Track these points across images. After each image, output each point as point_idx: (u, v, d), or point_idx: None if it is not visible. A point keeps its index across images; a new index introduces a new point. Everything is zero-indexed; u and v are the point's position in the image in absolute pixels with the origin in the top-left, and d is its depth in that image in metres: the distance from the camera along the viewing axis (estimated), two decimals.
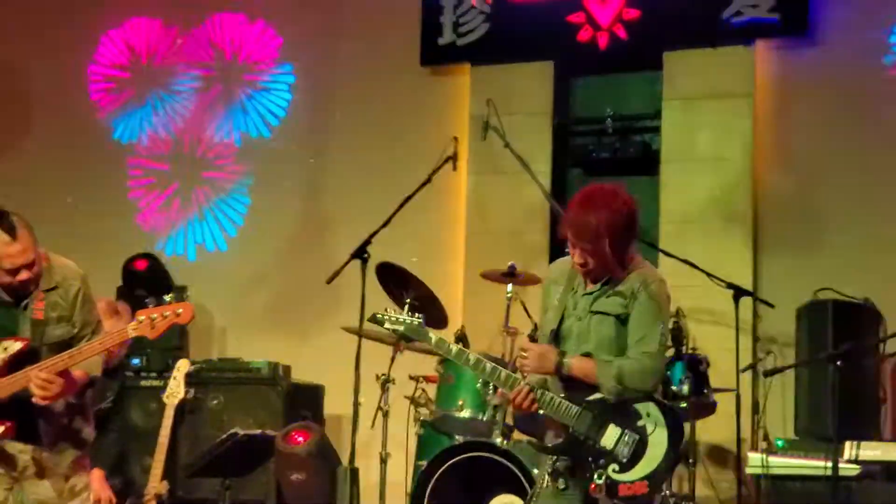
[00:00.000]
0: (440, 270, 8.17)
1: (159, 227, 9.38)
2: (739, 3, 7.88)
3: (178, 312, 4.94)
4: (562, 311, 4.84)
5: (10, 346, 5.02)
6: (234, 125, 9.27)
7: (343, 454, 6.97)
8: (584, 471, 4.67)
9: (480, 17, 8.51)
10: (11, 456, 5.07)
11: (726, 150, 7.97)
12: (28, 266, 5.03)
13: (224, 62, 9.35)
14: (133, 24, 9.61)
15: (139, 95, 9.55)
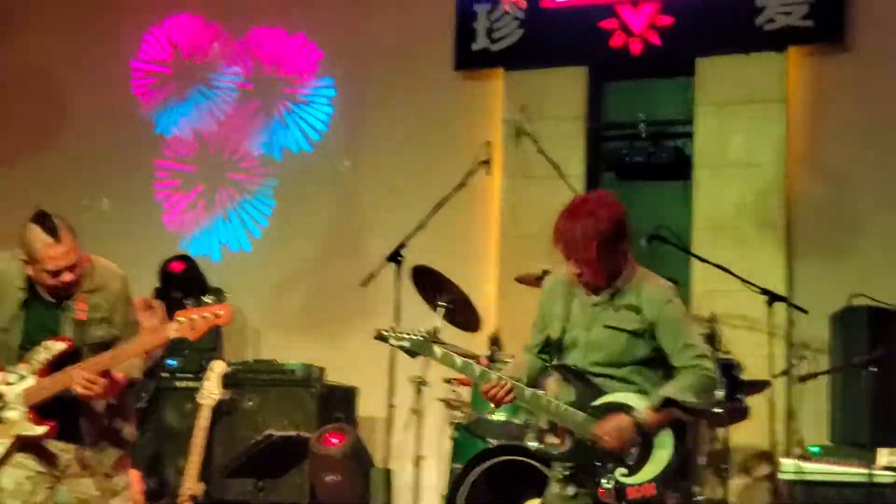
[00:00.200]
0: (474, 274, 8.21)
1: (187, 228, 9.47)
2: (773, 9, 7.91)
3: (218, 314, 4.97)
4: (564, 323, 4.86)
5: (52, 347, 5.08)
6: (275, 141, 9.33)
7: (377, 456, 7.00)
8: (591, 476, 4.69)
9: (514, 22, 8.55)
10: (53, 455, 5.13)
11: (759, 155, 7.99)
12: (70, 268, 5.07)
13: (263, 74, 9.42)
14: (175, 20, 9.70)
15: (180, 91, 9.62)
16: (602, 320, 4.76)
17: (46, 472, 5.15)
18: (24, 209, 5.18)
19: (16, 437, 5.05)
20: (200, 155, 9.53)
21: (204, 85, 9.54)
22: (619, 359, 4.74)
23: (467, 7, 8.69)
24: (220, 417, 7.72)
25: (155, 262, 8.77)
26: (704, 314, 6.98)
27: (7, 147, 9.89)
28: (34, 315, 5.15)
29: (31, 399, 5.04)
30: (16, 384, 5.08)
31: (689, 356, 4.69)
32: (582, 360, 4.78)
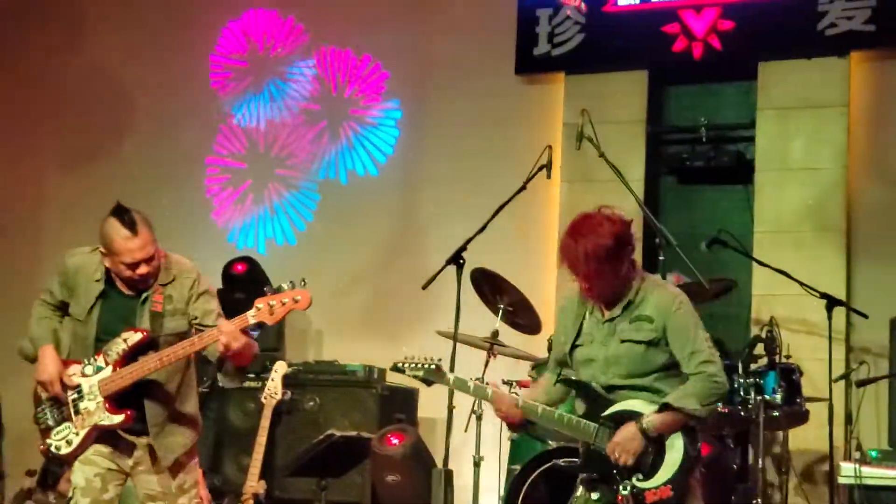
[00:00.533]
0: (533, 277, 8.23)
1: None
2: (834, 14, 7.90)
3: (297, 299, 5.06)
4: (573, 337, 4.95)
5: (129, 338, 5.19)
6: (342, 162, 9.44)
7: (437, 457, 7.03)
8: (610, 483, 4.77)
9: (575, 27, 8.58)
10: (125, 450, 5.24)
11: (820, 159, 7.98)
12: (147, 261, 5.18)
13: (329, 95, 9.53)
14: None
15: (255, 84, 9.74)
16: (618, 335, 4.85)
17: (118, 469, 5.25)
18: (100, 206, 5.30)
19: (93, 426, 5.16)
20: (262, 152, 9.64)
21: (279, 78, 9.65)
22: (639, 370, 4.83)
23: (529, 12, 8.73)
24: (282, 417, 7.81)
25: (224, 259, 8.89)
26: (764, 318, 6.98)
27: (83, 146, 10.05)
28: (111, 307, 5.27)
29: (108, 389, 5.15)
30: (92, 376, 5.20)
31: (696, 363, 4.77)
32: (603, 376, 4.87)
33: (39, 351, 5.33)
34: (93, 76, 10.08)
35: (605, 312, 4.91)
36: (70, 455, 5.22)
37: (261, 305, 5.04)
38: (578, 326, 4.96)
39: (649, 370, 4.82)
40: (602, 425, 4.81)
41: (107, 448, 5.23)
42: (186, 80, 9.87)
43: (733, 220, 8.10)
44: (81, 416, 5.18)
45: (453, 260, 6.70)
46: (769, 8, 8.09)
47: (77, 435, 5.19)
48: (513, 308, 7.06)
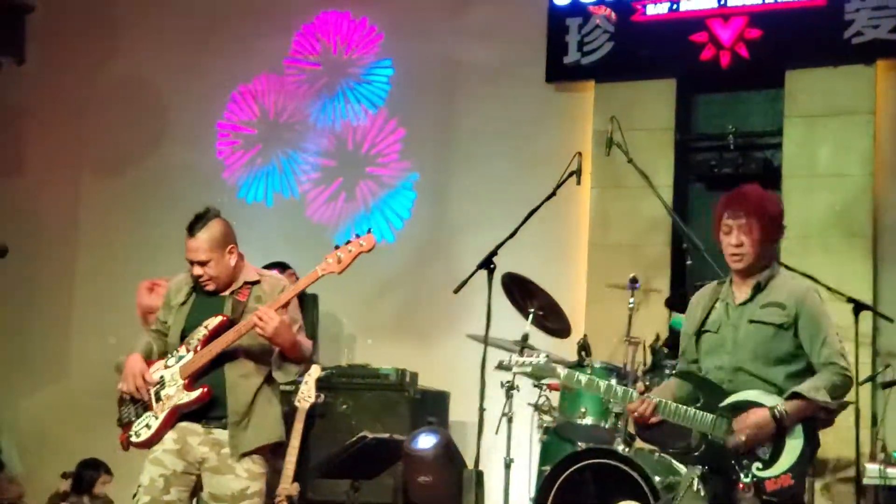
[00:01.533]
0: (563, 281, 8.32)
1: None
2: (860, 23, 7.96)
3: (362, 244, 5.25)
4: (698, 326, 5.01)
5: (210, 323, 5.36)
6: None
7: (468, 460, 7.10)
8: (727, 474, 4.79)
9: (605, 36, 8.66)
10: (195, 446, 5.35)
11: (847, 166, 8.04)
12: (200, 263, 5.37)
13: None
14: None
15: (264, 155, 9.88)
16: (748, 317, 4.91)
17: (184, 470, 5.34)
18: (134, 212, 5.48)
19: (173, 408, 5.30)
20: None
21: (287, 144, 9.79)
22: (765, 354, 4.86)
23: (559, 21, 8.81)
24: (315, 420, 7.86)
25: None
26: None
27: (119, 153, 10.19)
28: (199, 304, 5.46)
29: (187, 371, 5.32)
30: (174, 365, 5.37)
31: (826, 354, 4.81)
32: (731, 360, 4.91)
33: (126, 357, 5.50)
34: (129, 84, 10.22)
35: (738, 297, 4.97)
36: (150, 439, 5.34)
37: (330, 259, 5.22)
38: (705, 315, 5.02)
39: (773, 357, 4.85)
40: (720, 415, 4.83)
41: (176, 444, 5.33)
42: (222, 88, 9.99)
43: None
44: (163, 402, 5.33)
45: (484, 265, 6.77)
46: (796, 16, 8.15)
47: (157, 419, 5.32)
48: (543, 312, 7.15)
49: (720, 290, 5.05)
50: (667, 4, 8.52)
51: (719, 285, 5.09)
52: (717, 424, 4.81)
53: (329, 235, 9.27)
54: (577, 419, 6.69)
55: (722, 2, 8.36)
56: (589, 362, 6.79)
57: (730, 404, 4.82)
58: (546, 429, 7.01)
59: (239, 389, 5.35)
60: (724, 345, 4.93)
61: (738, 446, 4.75)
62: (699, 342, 5.02)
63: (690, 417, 4.85)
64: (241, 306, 5.39)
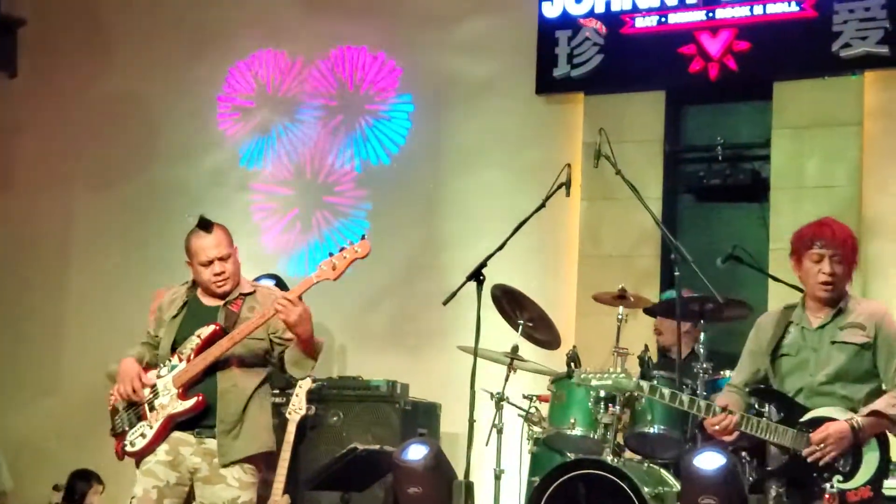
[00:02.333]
0: (553, 293, 8.35)
1: (280, 249, 9.69)
2: (848, 34, 7.99)
3: (357, 250, 5.26)
4: (772, 349, 5.18)
5: (203, 332, 5.38)
6: (356, 153, 9.54)
7: (459, 471, 7.11)
8: (807, 487, 4.96)
9: (594, 48, 8.69)
10: (188, 455, 5.37)
11: (835, 178, 8.08)
12: (222, 259, 5.40)
13: (346, 93, 9.65)
14: (259, 56, 9.97)
15: (263, 125, 9.89)
16: (828, 339, 5.11)
17: (177, 482, 5.36)
18: (127, 228, 5.51)
19: (167, 417, 5.32)
20: (296, 179, 9.77)
21: (288, 120, 9.80)
22: (846, 373, 5.07)
23: (549, 33, 8.84)
24: (306, 432, 7.89)
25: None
26: None
27: (112, 169, 10.18)
28: (191, 317, 5.48)
29: (181, 380, 5.33)
30: (167, 374, 5.38)
31: None
32: (812, 381, 5.10)
33: (119, 363, 5.53)
34: (121, 99, 10.22)
35: (814, 321, 5.15)
36: (145, 448, 5.36)
37: (324, 267, 5.24)
38: (778, 340, 5.19)
39: (853, 376, 5.06)
40: (800, 430, 4.99)
41: (169, 455, 5.35)
42: (211, 105, 10.01)
43: (750, 237, 8.19)
44: (157, 411, 5.35)
45: (473, 276, 6.77)
46: (784, 29, 8.19)
47: (151, 428, 5.34)
48: (532, 323, 7.17)
49: (790, 314, 5.25)
50: (655, 17, 8.56)
51: (787, 310, 5.29)
52: (798, 438, 4.98)
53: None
54: (567, 430, 6.70)
55: (710, 14, 8.39)
56: (578, 373, 6.79)
57: (809, 419, 5.00)
58: (536, 440, 7.01)
59: (230, 397, 5.37)
60: (806, 367, 5.13)
61: (817, 458, 4.91)
62: (775, 365, 5.20)
63: (772, 431, 5.04)
64: (234, 316, 5.41)
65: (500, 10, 9.15)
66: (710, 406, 5.15)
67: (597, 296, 7.25)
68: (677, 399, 5.20)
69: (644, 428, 6.61)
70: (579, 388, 6.68)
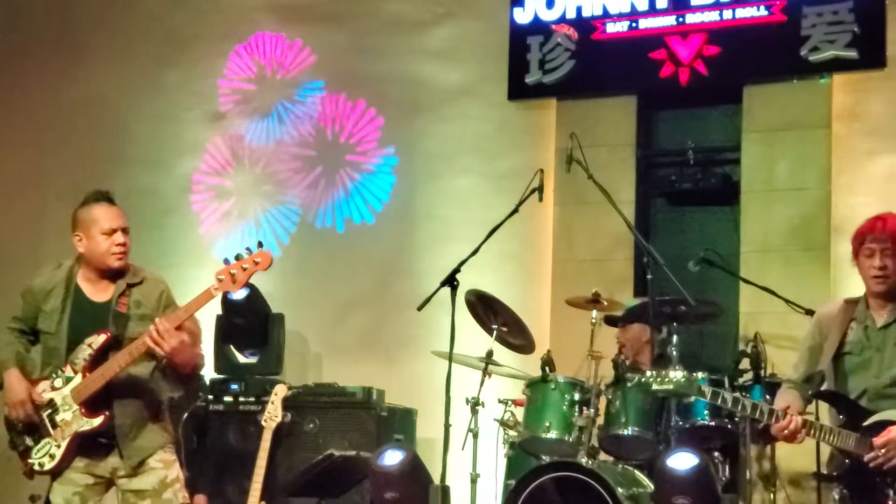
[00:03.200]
0: (527, 297, 8.39)
1: None
2: (817, 38, 8.05)
3: (257, 261, 5.07)
4: (836, 347, 5.14)
5: (94, 342, 5.30)
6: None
7: (435, 476, 7.13)
8: (871, 492, 4.91)
9: (566, 54, 8.73)
10: (101, 455, 5.34)
11: (805, 180, 8.13)
12: (123, 230, 5.37)
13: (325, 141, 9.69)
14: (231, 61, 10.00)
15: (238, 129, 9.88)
16: (893, 339, 5.08)
17: (95, 482, 5.35)
18: None
19: (73, 434, 5.26)
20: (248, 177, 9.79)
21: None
22: None
23: (521, 39, 8.88)
24: (282, 440, 7.87)
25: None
26: (751, 335, 7.10)
27: (83, 176, 10.01)
28: (79, 314, 5.38)
29: (81, 396, 5.25)
30: (63, 387, 5.30)
31: None
32: (876, 382, 5.06)
33: (4, 375, 5.41)
34: (92, 105, 10.22)
35: (879, 320, 5.11)
36: (56, 468, 5.30)
37: (222, 277, 5.08)
38: (841, 337, 5.14)
39: None
40: (863, 434, 4.94)
41: (81, 461, 5.33)
42: (184, 107, 10.02)
43: (722, 240, 8.26)
44: (60, 429, 5.28)
45: (448, 282, 6.80)
46: (753, 33, 8.24)
47: (59, 447, 5.27)
48: (507, 328, 7.20)
49: (853, 310, 5.20)
50: (626, 23, 8.61)
51: (849, 305, 5.23)
52: (861, 443, 4.93)
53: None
54: (542, 433, 6.73)
55: (680, 20, 8.45)
56: (552, 377, 6.84)
57: (872, 423, 4.96)
58: (511, 443, 7.05)
59: (125, 401, 5.33)
60: (869, 367, 5.09)
61: (880, 464, 4.87)
62: (837, 362, 5.15)
63: (836, 435, 4.99)
64: (122, 319, 5.35)
65: (471, 16, 9.19)
66: (773, 411, 5.09)
67: (570, 300, 7.28)
68: (739, 404, 5.13)
69: (618, 430, 6.66)
70: (554, 392, 6.74)
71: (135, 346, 5.20)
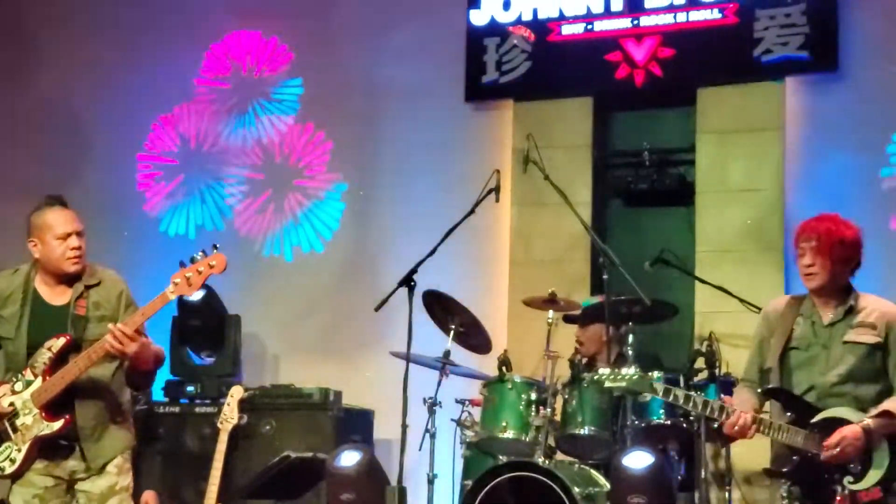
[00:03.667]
0: (485, 297, 8.41)
1: None
2: (769, 41, 8.12)
3: (212, 264, 5.05)
4: (783, 343, 5.19)
5: (53, 345, 5.28)
6: None
7: (393, 477, 7.14)
8: (819, 489, 4.98)
9: (522, 55, 8.76)
10: (62, 456, 5.31)
11: (758, 180, 8.19)
12: (79, 234, 5.35)
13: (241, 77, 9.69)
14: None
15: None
16: (841, 337, 5.13)
17: (55, 483, 5.32)
18: None
19: (34, 438, 5.23)
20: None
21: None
22: (856, 374, 5.10)
23: (477, 41, 8.91)
24: (239, 442, 7.85)
25: None
26: (707, 334, 7.16)
27: (37, 178, 9.98)
28: (38, 318, 5.36)
29: (41, 399, 5.23)
30: (23, 391, 5.27)
31: None
32: (822, 378, 5.11)
33: None
34: (47, 108, 10.16)
35: (825, 317, 5.18)
36: (17, 471, 5.27)
37: (178, 280, 5.07)
38: (789, 332, 5.20)
39: (865, 376, 5.09)
40: (811, 431, 5.01)
41: (41, 463, 5.31)
42: (141, 113, 9.96)
43: (677, 240, 8.29)
44: (21, 433, 5.25)
45: (405, 283, 6.81)
46: (707, 36, 8.31)
47: (20, 451, 5.24)
48: (464, 328, 7.21)
49: (799, 306, 5.26)
50: (582, 24, 8.65)
51: (796, 300, 5.30)
52: (810, 439, 5.00)
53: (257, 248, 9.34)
54: (499, 433, 6.74)
55: (635, 22, 8.50)
56: (509, 377, 6.86)
57: (820, 420, 5.02)
58: (468, 444, 7.05)
59: (86, 403, 5.32)
60: (815, 363, 5.14)
61: (833, 460, 4.92)
62: (785, 358, 5.20)
63: (784, 432, 5.04)
64: (81, 321, 5.33)
65: (428, 17, 9.19)
66: (723, 407, 5.13)
67: (527, 300, 7.31)
68: (691, 401, 5.19)
69: (575, 430, 6.69)
70: (511, 392, 6.76)
71: (94, 349, 5.18)
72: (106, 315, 5.37)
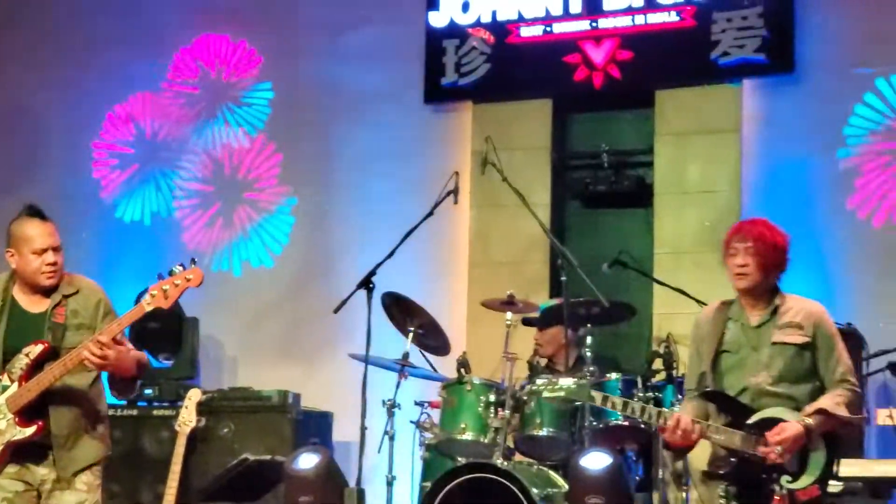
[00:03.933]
0: (444, 299, 8.42)
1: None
2: (727, 43, 8.17)
3: (189, 277, 5.11)
4: (715, 346, 5.23)
5: (31, 351, 5.26)
6: None
7: (352, 479, 7.14)
8: (757, 489, 5.01)
9: (481, 57, 8.78)
10: (34, 462, 5.28)
11: (716, 182, 8.25)
12: (55, 249, 5.32)
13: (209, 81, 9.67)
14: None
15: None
16: (769, 338, 5.17)
17: (26, 489, 5.28)
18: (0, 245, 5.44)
19: (6, 444, 5.21)
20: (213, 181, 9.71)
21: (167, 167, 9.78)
22: (788, 373, 5.14)
23: (436, 43, 8.92)
24: (197, 445, 7.82)
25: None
26: (663, 335, 7.20)
27: None
28: (16, 324, 5.35)
29: (16, 405, 5.21)
30: None
31: (841, 372, 5.15)
32: (753, 379, 5.14)
33: None
34: (6, 112, 10.09)
35: (753, 319, 5.22)
36: None
37: (154, 292, 5.09)
38: (720, 336, 5.24)
39: (795, 376, 5.14)
40: (748, 432, 5.04)
41: (13, 467, 5.28)
42: (97, 108, 9.91)
43: (635, 242, 8.34)
44: None
45: (363, 285, 6.83)
46: (665, 38, 8.35)
47: None
48: (423, 330, 7.21)
49: (728, 310, 5.31)
50: (541, 27, 8.68)
51: (724, 305, 5.35)
52: (747, 440, 5.02)
53: (207, 261, 9.28)
54: (458, 435, 6.73)
55: (594, 24, 8.53)
56: (468, 379, 6.86)
57: (757, 421, 5.05)
58: (427, 445, 7.04)
59: (61, 410, 5.30)
60: (746, 365, 5.18)
61: (774, 459, 4.96)
62: (717, 362, 5.23)
63: (723, 434, 5.07)
64: (59, 329, 5.32)
65: (387, 19, 9.19)
66: (660, 412, 5.18)
67: (485, 302, 7.30)
68: (629, 407, 5.25)
69: (533, 431, 6.70)
70: (469, 393, 6.76)
71: (69, 357, 5.17)
72: (84, 323, 5.36)
